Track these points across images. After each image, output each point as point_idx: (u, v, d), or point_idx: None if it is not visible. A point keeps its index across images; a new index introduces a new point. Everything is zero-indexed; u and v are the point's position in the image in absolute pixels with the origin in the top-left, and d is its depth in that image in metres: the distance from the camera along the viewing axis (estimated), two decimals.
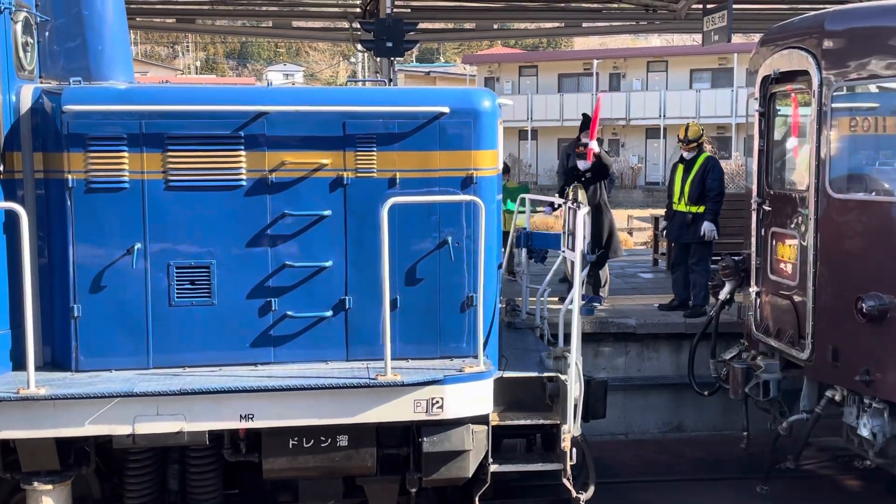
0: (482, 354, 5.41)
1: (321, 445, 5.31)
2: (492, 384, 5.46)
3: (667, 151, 40.64)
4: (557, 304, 7.64)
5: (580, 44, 55.16)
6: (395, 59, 13.83)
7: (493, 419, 5.61)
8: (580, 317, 5.94)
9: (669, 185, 10.00)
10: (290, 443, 5.28)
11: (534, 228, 7.99)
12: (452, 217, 5.54)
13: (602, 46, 50.96)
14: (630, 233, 21.57)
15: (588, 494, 5.81)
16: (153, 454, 5.53)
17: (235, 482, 5.84)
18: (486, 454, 5.54)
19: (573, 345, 5.74)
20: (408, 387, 5.21)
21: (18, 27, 5.26)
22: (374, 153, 5.48)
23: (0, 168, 5.16)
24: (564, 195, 9.44)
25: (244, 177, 5.39)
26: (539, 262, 7.54)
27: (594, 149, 9.56)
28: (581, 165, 9.76)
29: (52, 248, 5.32)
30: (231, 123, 5.36)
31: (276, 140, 5.40)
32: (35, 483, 5.21)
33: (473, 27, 18.01)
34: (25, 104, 5.26)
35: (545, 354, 6.11)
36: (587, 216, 6.09)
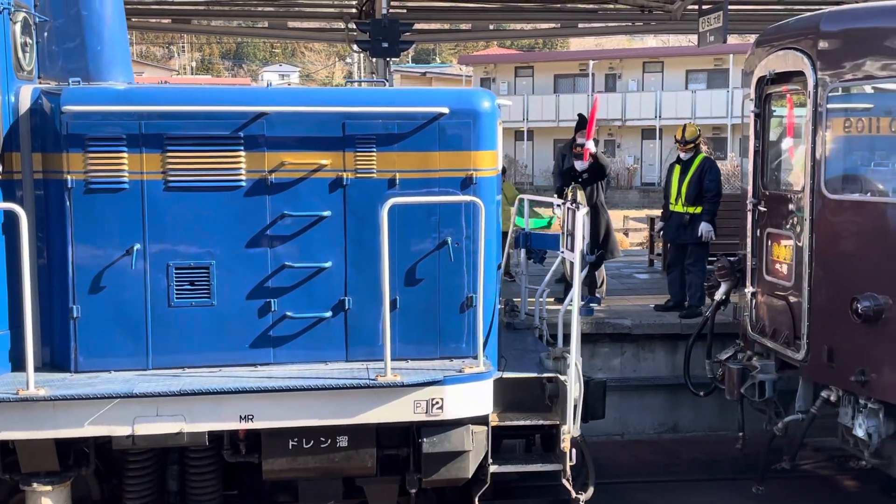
0: (482, 355, 5.41)
1: (321, 446, 5.31)
2: (491, 385, 5.47)
3: (663, 152, 40.73)
4: (555, 305, 7.66)
5: (576, 44, 55.18)
6: (391, 60, 13.84)
7: (493, 420, 5.62)
8: (579, 317, 5.95)
9: (666, 186, 10.01)
10: (290, 443, 5.28)
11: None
12: (452, 217, 5.54)
13: (598, 47, 50.97)
14: (626, 233, 21.56)
15: (588, 495, 5.81)
16: (153, 455, 5.53)
17: (235, 483, 5.84)
18: (486, 455, 5.55)
19: (573, 345, 5.75)
20: (407, 387, 5.21)
21: (17, 27, 5.25)
22: (374, 154, 5.48)
23: None
24: (563, 196, 9.44)
25: (244, 177, 5.39)
26: (538, 263, 7.55)
27: (591, 149, 9.52)
28: (578, 166, 9.73)
29: (52, 249, 5.32)
30: (230, 124, 5.36)
31: (276, 140, 5.40)
32: (34, 484, 5.20)
33: (469, 28, 18.04)
34: (24, 105, 5.26)
35: (544, 355, 6.11)
36: (586, 217, 6.10)
